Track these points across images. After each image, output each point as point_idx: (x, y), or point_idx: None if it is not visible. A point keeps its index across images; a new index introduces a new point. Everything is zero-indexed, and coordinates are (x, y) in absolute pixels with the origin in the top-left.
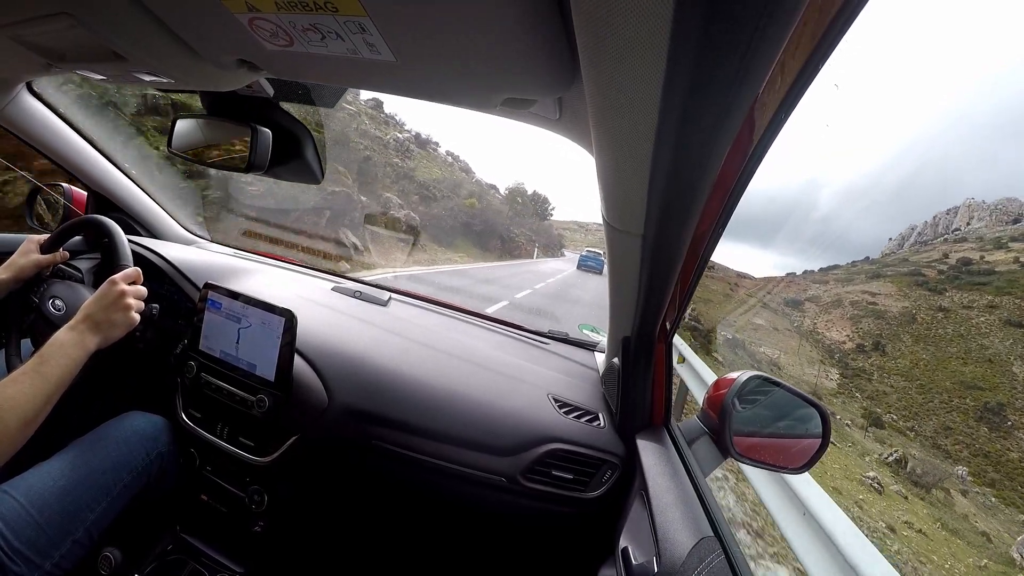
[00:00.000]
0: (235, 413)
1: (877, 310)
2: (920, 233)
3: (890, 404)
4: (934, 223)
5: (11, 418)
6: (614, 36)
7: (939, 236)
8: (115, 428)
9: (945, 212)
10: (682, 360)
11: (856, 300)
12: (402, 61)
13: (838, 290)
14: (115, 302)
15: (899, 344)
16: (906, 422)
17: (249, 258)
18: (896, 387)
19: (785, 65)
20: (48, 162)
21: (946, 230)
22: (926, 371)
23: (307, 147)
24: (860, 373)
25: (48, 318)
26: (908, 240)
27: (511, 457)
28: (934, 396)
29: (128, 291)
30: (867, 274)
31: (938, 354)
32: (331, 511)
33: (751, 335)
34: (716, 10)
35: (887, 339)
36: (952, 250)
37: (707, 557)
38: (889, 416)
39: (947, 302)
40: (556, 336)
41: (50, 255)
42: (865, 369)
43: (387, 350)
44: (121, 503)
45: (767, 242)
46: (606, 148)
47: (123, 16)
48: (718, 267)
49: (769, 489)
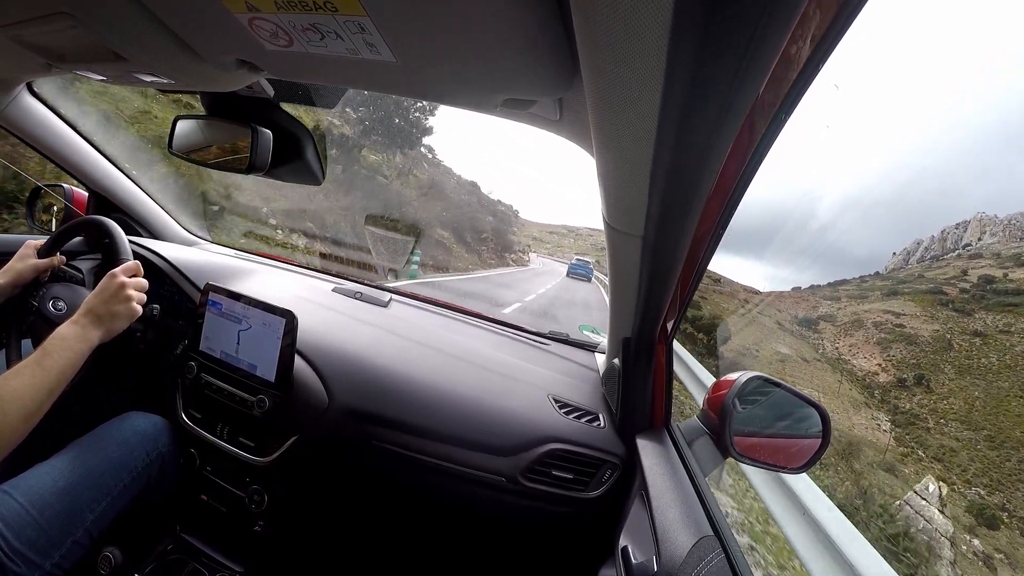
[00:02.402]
0: (235, 413)
1: (906, 334)
2: (927, 248)
3: (963, 467)
4: (942, 238)
5: (13, 410)
6: (614, 36)
7: (948, 251)
8: (115, 428)
9: (954, 226)
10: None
11: (879, 321)
12: (402, 61)
13: (854, 308)
14: (116, 294)
15: (942, 377)
16: (991, 494)
17: (250, 259)
18: (962, 440)
19: (785, 66)
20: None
21: (956, 245)
22: (987, 415)
23: (307, 148)
24: (913, 419)
25: (49, 318)
26: (914, 255)
27: (511, 457)
28: (1009, 452)
29: (128, 283)
30: (882, 291)
31: (991, 391)
32: (331, 511)
33: (779, 369)
34: (716, 10)
35: (927, 370)
36: (969, 267)
37: (707, 556)
38: (974, 492)
39: (980, 325)
40: (556, 337)
41: (47, 259)
42: (917, 413)
43: (387, 350)
44: (121, 504)
45: (759, 253)
46: (606, 149)
47: (123, 16)
48: (724, 281)
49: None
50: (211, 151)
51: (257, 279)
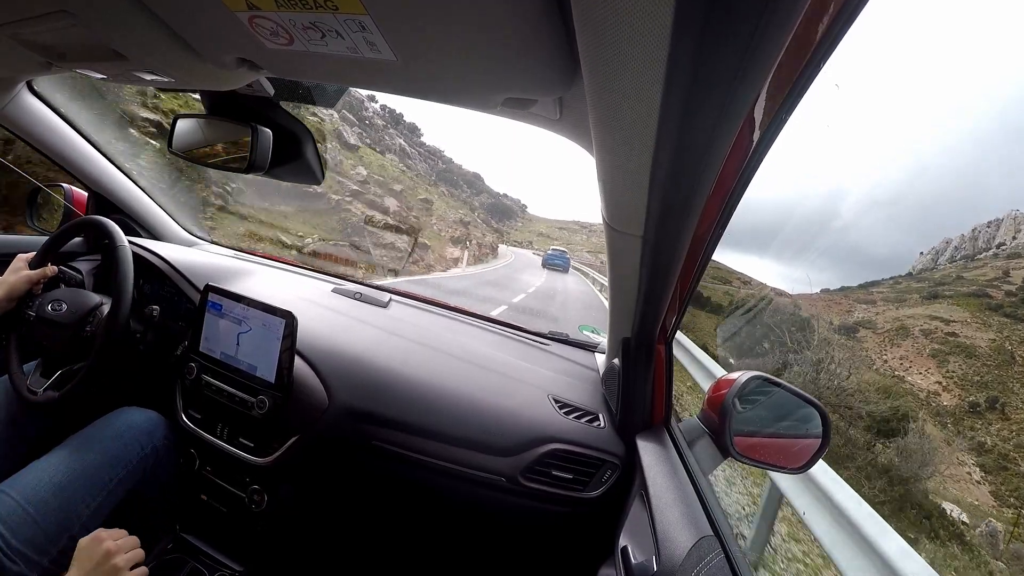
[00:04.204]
0: (235, 414)
1: (962, 345)
2: (957, 247)
3: None
4: (973, 236)
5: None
6: (614, 35)
7: (981, 251)
8: (109, 423)
9: (985, 225)
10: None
11: (928, 329)
12: (402, 60)
13: (894, 313)
14: (102, 564)
15: (1015, 399)
16: None
17: (249, 259)
18: None
19: (785, 64)
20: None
21: (988, 244)
22: None
23: (307, 147)
24: (1003, 460)
25: (49, 319)
26: (943, 254)
27: (511, 457)
28: None
29: (114, 549)
30: (920, 294)
31: None
32: (331, 511)
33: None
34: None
35: (996, 390)
36: (1010, 267)
37: (706, 556)
38: None
39: None
40: (556, 337)
41: (39, 270)
42: (1004, 451)
43: (387, 351)
44: (116, 498)
45: (778, 253)
46: (606, 148)
47: (123, 15)
48: (754, 283)
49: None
50: (211, 150)
51: (256, 280)
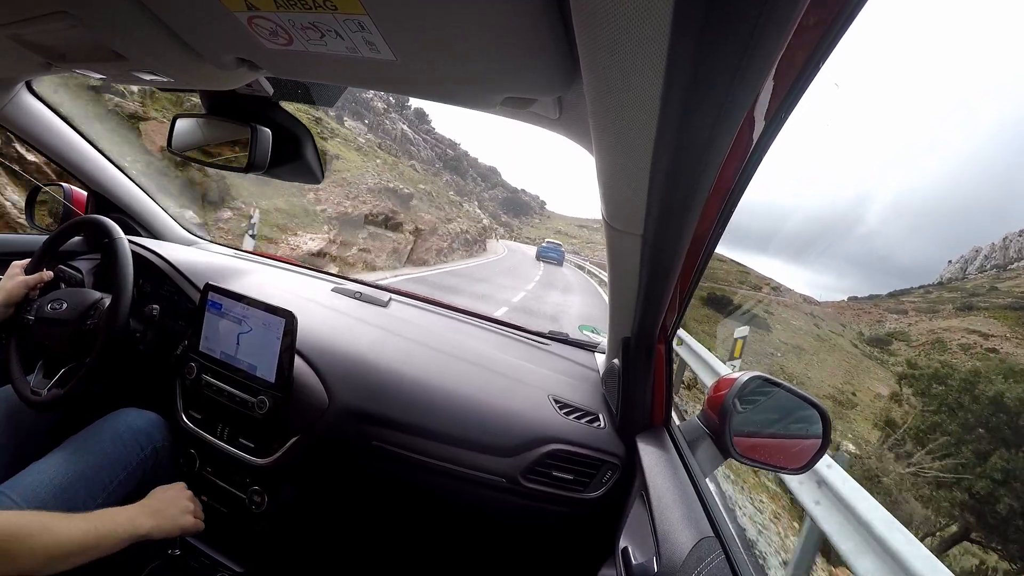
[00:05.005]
0: (235, 414)
1: (1004, 361)
2: (987, 256)
3: None
4: (1004, 245)
5: (40, 546)
6: (614, 35)
7: (1012, 260)
8: (109, 425)
9: (1017, 233)
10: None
11: (966, 344)
12: (401, 60)
13: (928, 325)
14: (178, 502)
15: None
16: None
17: (249, 259)
18: None
19: (785, 63)
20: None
21: (1020, 254)
22: None
23: (307, 147)
24: None
25: (49, 318)
26: (973, 264)
27: (511, 458)
28: None
29: (192, 500)
30: (954, 304)
31: None
32: (331, 512)
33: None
34: (715, 7)
35: None
36: None
37: (707, 557)
38: None
39: None
40: (556, 337)
41: (36, 275)
42: None
43: (387, 351)
44: (116, 499)
45: (798, 257)
46: (606, 147)
47: (122, 15)
48: (783, 290)
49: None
50: (210, 150)
51: (256, 279)
